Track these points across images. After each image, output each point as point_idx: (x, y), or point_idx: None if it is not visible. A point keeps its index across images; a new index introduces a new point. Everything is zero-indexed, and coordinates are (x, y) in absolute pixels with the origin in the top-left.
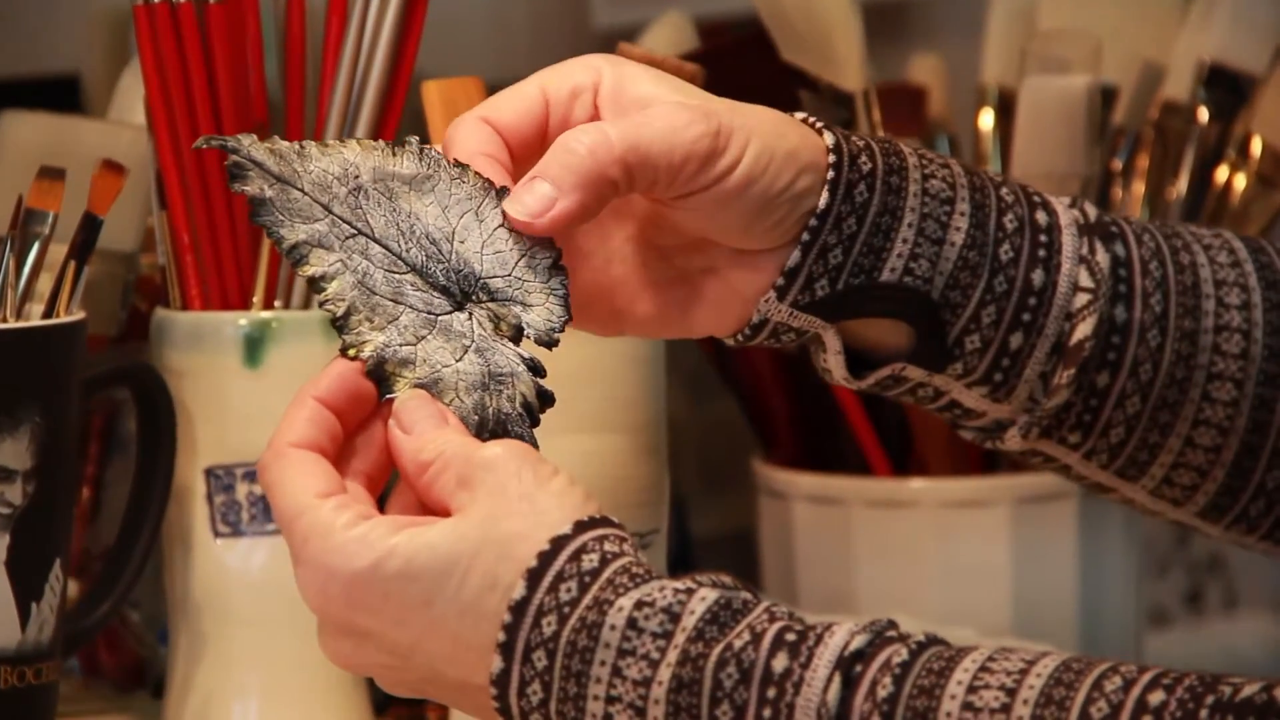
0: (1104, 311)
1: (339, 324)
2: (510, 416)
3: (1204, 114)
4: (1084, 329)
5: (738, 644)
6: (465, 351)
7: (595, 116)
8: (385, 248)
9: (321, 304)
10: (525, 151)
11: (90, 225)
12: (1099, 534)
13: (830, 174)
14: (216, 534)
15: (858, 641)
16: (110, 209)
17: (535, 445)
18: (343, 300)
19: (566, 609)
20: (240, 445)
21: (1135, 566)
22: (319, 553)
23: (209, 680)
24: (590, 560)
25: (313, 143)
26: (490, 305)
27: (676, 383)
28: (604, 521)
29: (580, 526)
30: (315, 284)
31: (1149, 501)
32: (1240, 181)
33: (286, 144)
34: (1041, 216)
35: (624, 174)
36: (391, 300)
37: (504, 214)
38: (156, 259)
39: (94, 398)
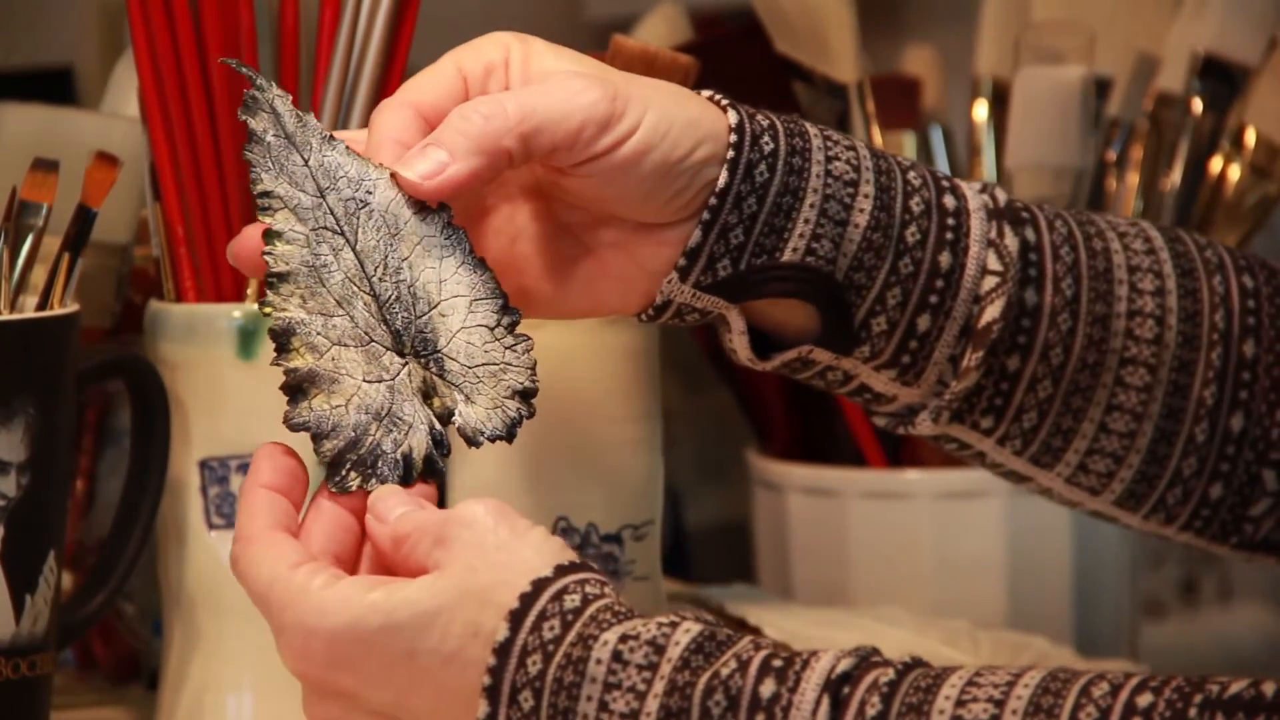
0: (1013, 294)
1: (270, 280)
2: (384, 457)
3: (1198, 105)
4: (992, 311)
5: (724, 672)
6: (379, 382)
7: (507, 89)
8: (359, 261)
9: (264, 253)
10: None
11: (84, 217)
12: (1094, 525)
13: (730, 153)
14: (211, 526)
15: (844, 665)
16: (104, 201)
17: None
18: (286, 265)
19: (551, 647)
20: (234, 437)
21: (1130, 557)
22: (298, 615)
23: (203, 672)
24: (572, 600)
25: (345, 144)
26: (434, 377)
27: (671, 374)
28: (584, 566)
29: (561, 570)
30: (269, 236)
31: (1065, 490)
32: (1234, 172)
33: (317, 122)
34: (949, 200)
35: (519, 142)
36: (335, 300)
37: (394, 177)
38: (150, 251)
39: (88, 390)
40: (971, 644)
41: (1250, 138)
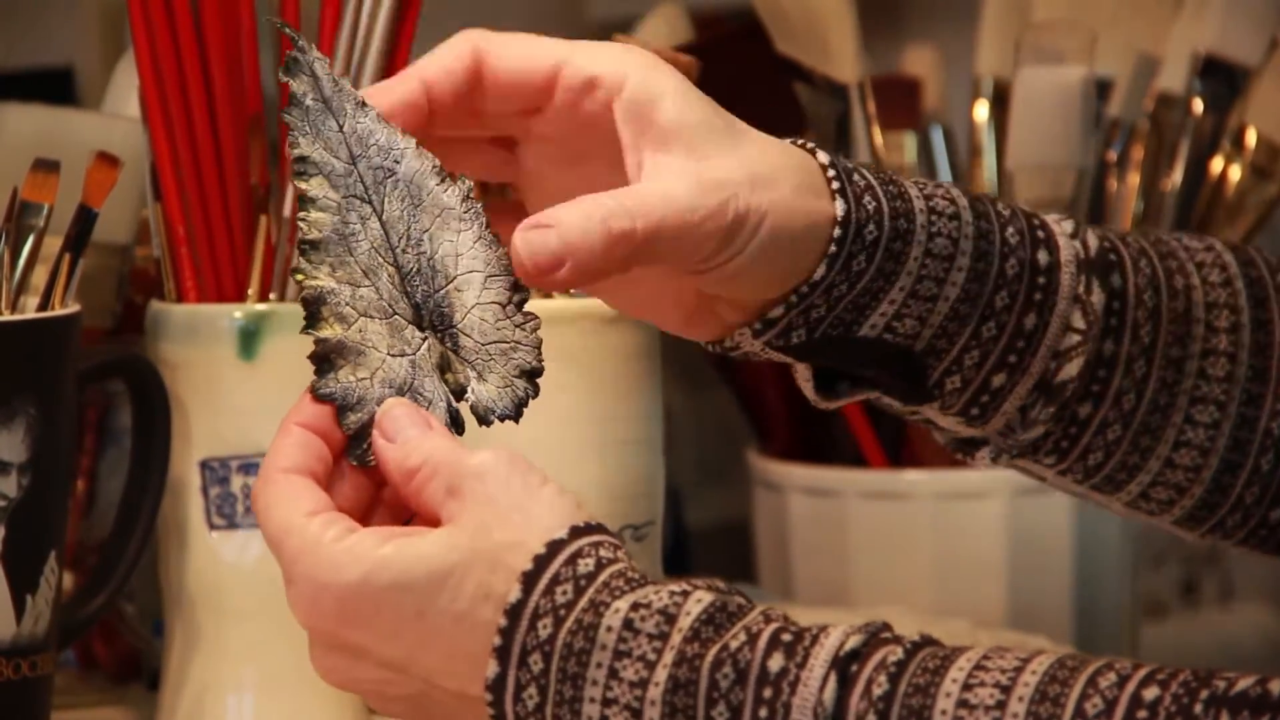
0: (1092, 350)
1: (302, 248)
2: None
3: (1199, 105)
4: (1070, 369)
5: (734, 645)
6: (401, 356)
7: (606, 114)
8: (385, 232)
9: (298, 219)
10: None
11: (85, 217)
12: (1094, 525)
13: (833, 248)
14: (211, 526)
15: (853, 642)
16: (105, 201)
17: None
18: (319, 232)
19: (562, 611)
20: (235, 438)
21: (1131, 558)
22: (309, 568)
23: (204, 672)
24: (586, 564)
25: (374, 109)
26: (449, 352)
27: (672, 375)
28: (599, 528)
29: (576, 531)
30: (303, 202)
31: (1124, 511)
32: (1235, 173)
33: (353, 88)
34: (1043, 256)
35: (624, 265)
36: (362, 271)
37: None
38: (151, 251)
39: (89, 390)
40: (972, 644)
41: (1251, 138)
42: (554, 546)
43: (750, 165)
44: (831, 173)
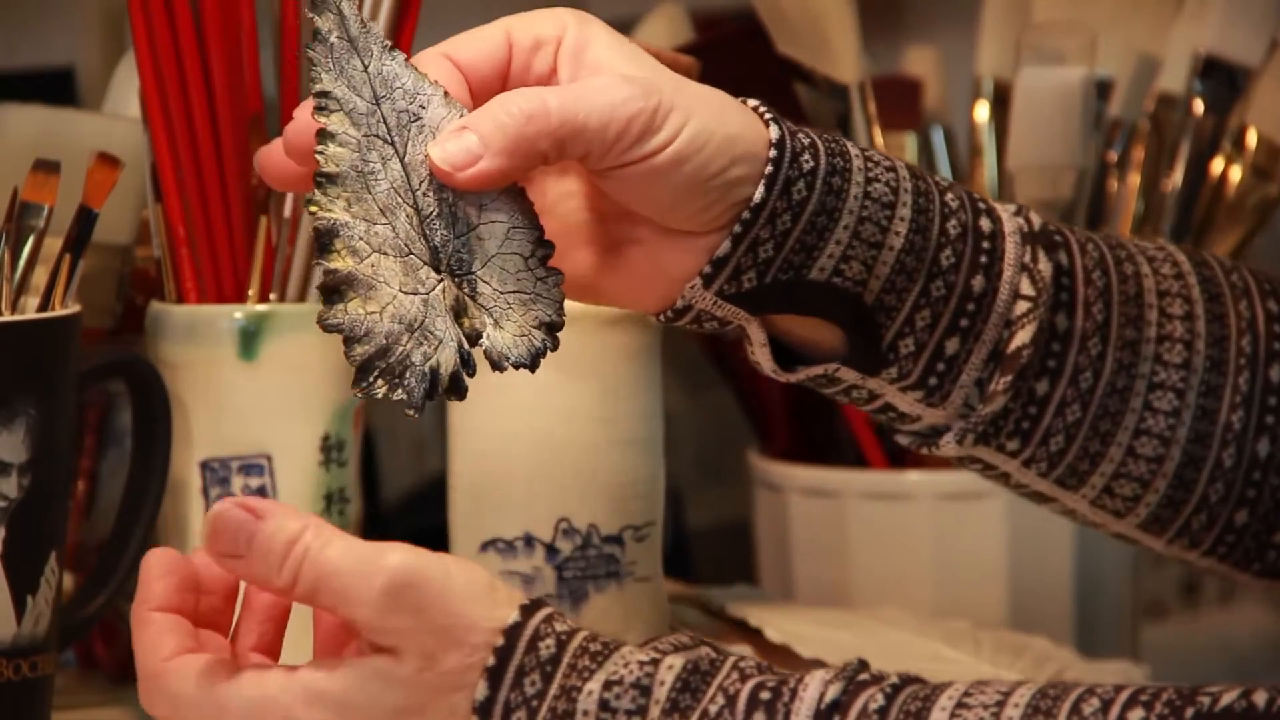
0: (1044, 319)
1: (319, 180)
2: (412, 368)
3: (1199, 106)
4: (1023, 336)
5: (713, 710)
6: (414, 295)
7: (554, 70)
8: (405, 174)
9: (315, 152)
10: (482, 91)
11: (85, 218)
12: None
13: (769, 169)
14: None
15: (832, 691)
16: (105, 202)
17: (413, 410)
18: (336, 166)
19: (535, 702)
20: (235, 438)
21: (1131, 558)
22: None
23: None
24: (547, 646)
25: (403, 54)
26: (466, 297)
27: (672, 375)
28: (540, 602)
29: (526, 611)
30: (323, 136)
31: (1090, 512)
32: (1235, 174)
33: (382, 33)
34: (985, 223)
35: (554, 145)
36: (379, 209)
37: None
38: (152, 252)
39: (89, 391)
40: (972, 644)
41: (1251, 139)
42: (512, 634)
43: (677, 80)
44: (763, 109)
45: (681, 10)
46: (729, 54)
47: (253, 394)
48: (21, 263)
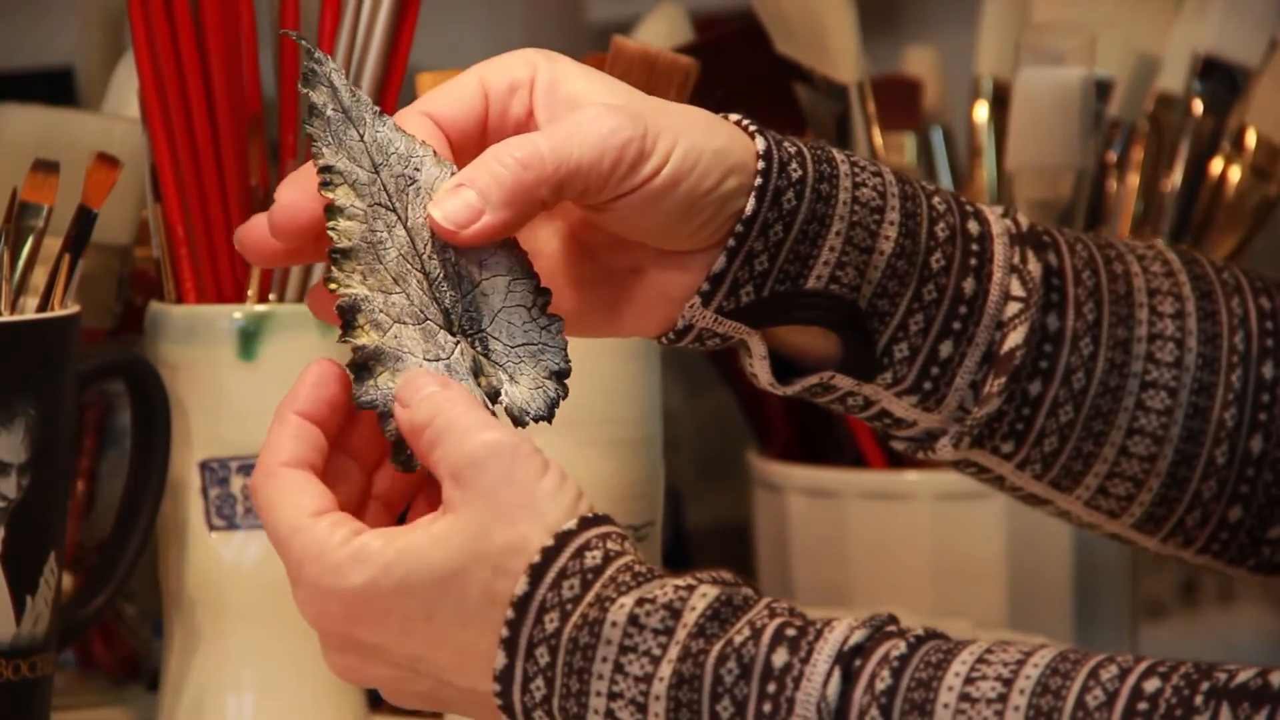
0: (1035, 320)
1: (335, 256)
2: None
3: (1199, 106)
4: (1015, 337)
5: (738, 640)
6: (437, 360)
7: (530, 112)
8: (410, 238)
9: (328, 229)
10: (465, 144)
11: (85, 218)
12: None
13: (758, 180)
14: (211, 527)
15: (857, 636)
16: (105, 202)
17: None
18: (349, 240)
19: (569, 605)
20: (235, 438)
21: (1130, 557)
22: (316, 573)
23: (204, 673)
24: (593, 557)
25: (391, 119)
26: (480, 356)
27: (672, 375)
28: (606, 519)
29: (585, 523)
30: (331, 211)
31: (1084, 513)
32: (1235, 174)
33: (369, 99)
34: (973, 226)
35: (553, 189)
36: (392, 278)
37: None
38: (151, 252)
39: (89, 391)
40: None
41: (1251, 139)
42: (562, 539)
43: (658, 103)
44: (746, 122)
45: (681, 10)
46: (728, 55)
47: (252, 394)
48: (21, 263)
